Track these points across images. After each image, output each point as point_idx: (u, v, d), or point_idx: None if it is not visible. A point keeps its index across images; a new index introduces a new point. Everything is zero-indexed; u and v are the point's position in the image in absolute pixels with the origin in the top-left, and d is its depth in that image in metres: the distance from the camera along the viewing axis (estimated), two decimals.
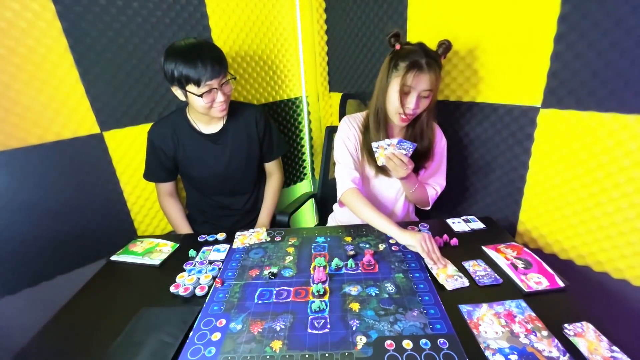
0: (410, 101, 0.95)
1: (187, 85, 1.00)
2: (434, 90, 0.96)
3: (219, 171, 1.20)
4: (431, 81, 0.93)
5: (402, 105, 0.96)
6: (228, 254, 0.96)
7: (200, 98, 1.01)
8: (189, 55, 0.98)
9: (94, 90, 1.13)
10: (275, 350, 0.64)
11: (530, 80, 1.02)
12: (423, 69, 0.92)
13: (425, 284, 0.79)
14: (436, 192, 1.15)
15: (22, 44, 0.99)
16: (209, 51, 1.01)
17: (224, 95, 1.05)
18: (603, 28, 0.86)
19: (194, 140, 1.16)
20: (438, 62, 0.95)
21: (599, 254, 1.00)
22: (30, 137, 1.05)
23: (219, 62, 1.01)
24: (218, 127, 1.18)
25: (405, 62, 0.94)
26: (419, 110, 0.98)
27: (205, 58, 0.98)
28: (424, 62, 0.92)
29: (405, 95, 0.96)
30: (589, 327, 0.65)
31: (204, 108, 1.05)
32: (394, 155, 0.96)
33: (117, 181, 1.25)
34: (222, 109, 1.07)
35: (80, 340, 0.72)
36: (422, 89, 0.94)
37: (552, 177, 1.05)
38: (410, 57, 0.93)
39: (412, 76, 0.92)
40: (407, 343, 0.64)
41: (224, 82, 1.04)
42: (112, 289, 0.88)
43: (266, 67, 1.59)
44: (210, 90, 1.02)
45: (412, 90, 0.95)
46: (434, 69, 0.93)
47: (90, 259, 1.23)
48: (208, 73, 0.98)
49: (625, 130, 0.88)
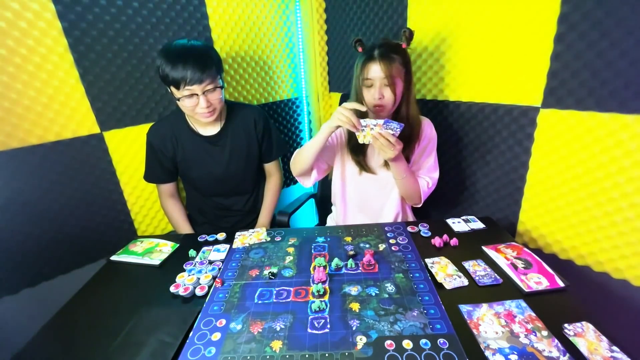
0: (373, 92, 1.00)
1: (169, 85, 0.99)
2: (394, 77, 0.98)
3: (218, 172, 1.20)
4: (386, 68, 0.96)
5: (368, 99, 1.02)
6: (228, 254, 0.96)
7: (182, 101, 1.00)
8: (174, 55, 0.97)
9: (94, 90, 1.13)
10: (275, 350, 0.64)
11: (530, 80, 1.03)
12: (375, 59, 0.97)
13: (425, 284, 0.79)
14: (428, 185, 1.12)
15: (22, 44, 0.99)
16: (197, 56, 0.98)
17: (207, 102, 1.01)
18: (603, 28, 0.86)
19: (192, 142, 1.16)
20: (395, 50, 0.99)
21: (599, 254, 1.01)
22: (30, 137, 1.05)
23: (202, 69, 0.97)
24: (216, 129, 1.17)
25: (361, 60, 1.01)
26: (386, 99, 1.00)
27: (188, 62, 0.95)
28: (376, 53, 0.98)
29: (369, 88, 1.01)
30: (589, 327, 0.65)
31: (187, 109, 1.04)
32: (381, 134, 0.95)
33: (117, 181, 1.25)
34: (205, 115, 1.05)
35: (80, 340, 0.72)
36: (380, 78, 0.98)
37: (552, 177, 1.05)
38: (365, 55, 1.00)
39: (368, 68, 0.99)
40: (407, 343, 0.64)
41: (208, 89, 1.00)
42: (112, 289, 0.88)
43: (266, 67, 1.59)
44: (192, 95, 0.99)
45: (373, 83, 1.00)
46: (387, 57, 0.97)
47: (90, 259, 1.23)
48: (188, 77, 0.96)
49: (625, 130, 0.88)
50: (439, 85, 1.27)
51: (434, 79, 1.28)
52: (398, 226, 1.05)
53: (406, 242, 0.96)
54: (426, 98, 1.33)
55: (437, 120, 1.19)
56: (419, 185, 1.12)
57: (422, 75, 1.31)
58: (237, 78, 1.48)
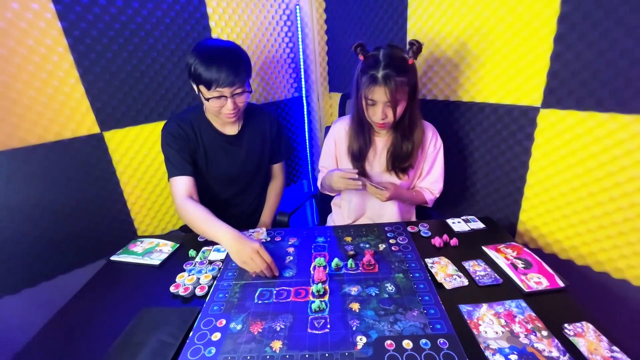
0: (376, 112, 0.97)
1: (199, 84, 0.99)
2: (397, 100, 0.94)
3: (233, 172, 1.20)
4: (390, 93, 0.91)
5: (370, 116, 1.00)
6: (228, 254, 0.96)
7: (210, 102, 1.00)
8: (209, 55, 0.96)
9: (94, 90, 1.13)
10: (275, 350, 0.64)
11: (530, 80, 1.03)
12: (378, 83, 0.92)
13: (425, 284, 0.79)
14: (434, 195, 1.15)
15: (22, 44, 0.99)
16: (230, 58, 0.98)
17: (234, 104, 1.02)
18: (603, 28, 0.86)
19: (213, 140, 1.15)
20: (401, 70, 0.92)
21: (599, 254, 1.01)
22: (30, 137, 1.05)
23: (235, 72, 0.96)
24: (236, 129, 1.17)
25: (364, 76, 0.95)
26: (389, 118, 0.97)
27: (223, 64, 0.95)
28: (380, 76, 0.91)
29: (371, 106, 0.98)
30: (589, 327, 0.65)
31: (213, 110, 1.04)
32: (371, 187, 1.04)
33: (117, 181, 1.25)
34: (230, 116, 1.05)
35: (80, 340, 0.72)
36: (383, 101, 0.94)
37: (552, 177, 1.05)
38: (368, 72, 0.93)
39: (371, 90, 0.94)
40: (407, 343, 0.64)
41: (237, 93, 1.00)
42: (112, 289, 0.88)
43: (266, 67, 1.59)
44: (220, 97, 0.99)
45: (376, 103, 0.96)
46: (391, 80, 0.90)
47: (90, 259, 1.23)
48: (221, 79, 0.95)
49: (624, 130, 0.88)
50: (439, 85, 1.27)
51: (434, 79, 1.28)
52: (398, 226, 1.05)
53: (406, 242, 0.96)
54: (426, 98, 1.33)
55: (437, 120, 1.19)
56: (425, 198, 1.15)
57: (422, 75, 1.31)
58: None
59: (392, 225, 1.05)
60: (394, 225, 1.05)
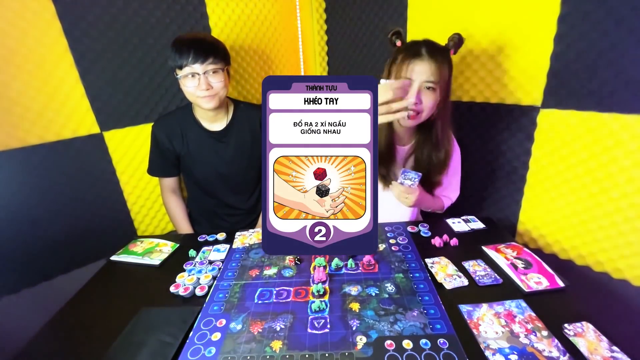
0: (411, 94, 0.85)
1: (175, 69, 1.04)
2: (439, 82, 0.86)
3: (221, 169, 1.21)
4: (432, 71, 0.84)
5: None
6: (228, 254, 0.96)
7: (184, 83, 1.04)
8: (180, 40, 1.03)
9: (93, 90, 1.13)
10: (275, 350, 0.64)
11: (530, 80, 1.03)
12: (422, 57, 0.85)
13: (425, 284, 0.79)
14: (451, 201, 1.15)
15: (22, 44, 0.99)
16: (201, 39, 1.04)
17: (207, 84, 1.04)
18: (603, 28, 0.86)
19: (198, 137, 1.17)
20: (443, 54, 0.88)
21: (599, 254, 1.00)
22: (30, 137, 1.05)
23: (205, 50, 1.01)
24: (222, 124, 1.18)
25: (403, 53, 0.88)
26: (423, 105, 0.89)
27: (193, 43, 1.01)
28: (424, 50, 0.85)
29: None
30: (589, 327, 0.65)
31: (189, 95, 1.07)
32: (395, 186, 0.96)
33: (117, 181, 1.25)
34: (206, 100, 1.06)
35: (80, 340, 0.72)
36: (423, 80, 0.86)
37: (552, 177, 1.05)
38: (410, 48, 0.87)
39: (411, 65, 0.85)
40: (407, 343, 0.64)
41: (209, 70, 1.03)
42: (112, 289, 0.88)
43: (266, 67, 1.59)
44: (194, 75, 1.03)
45: (412, 82, 0.87)
46: (435, 58, 0.84)
47: (90, 259, 1.22)
48: (191, 56, 1.00)
49: (625, 130, 0.88)
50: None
51: None
52: (398, 226, 1.04)
53: (406, 242, 0.96)
54: None
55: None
56: (444, 205, 1.14)
57: None
58: (237, 78, 1.48)
59: (392, 225, 1.05)
60: (393, 225, 1.05)
